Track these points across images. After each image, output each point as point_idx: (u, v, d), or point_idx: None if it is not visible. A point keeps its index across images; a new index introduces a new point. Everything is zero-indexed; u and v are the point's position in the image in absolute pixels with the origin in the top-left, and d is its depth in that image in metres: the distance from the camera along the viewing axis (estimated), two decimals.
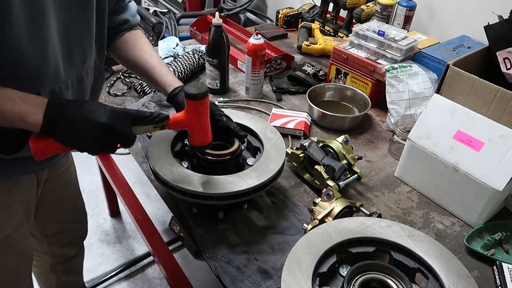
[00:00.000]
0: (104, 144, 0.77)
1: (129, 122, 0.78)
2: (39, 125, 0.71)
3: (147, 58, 1.01)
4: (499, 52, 1.14)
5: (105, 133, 0.75)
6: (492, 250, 0.93)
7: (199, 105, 0.81)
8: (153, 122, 0.81)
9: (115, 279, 1.85)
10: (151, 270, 1.91)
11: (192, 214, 0.99)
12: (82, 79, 0.88)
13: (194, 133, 0.86)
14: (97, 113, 0.74)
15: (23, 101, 0.70)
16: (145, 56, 1.01)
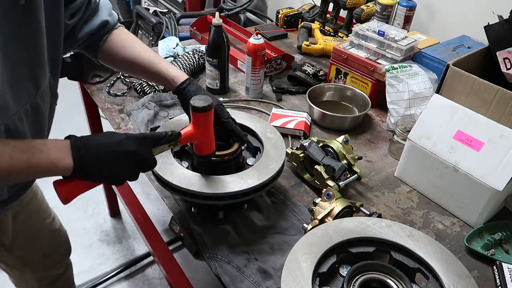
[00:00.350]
0: (132, 172, 0.76)
1: (150, 146, 0.78)
2: (71, 168, 0.69)
3: (142, 55, 0.96)
4: (499, 52, 1.14)
5: (135, 161, 0.75)
6: (492, 250, 0.93)
7: (207, 116, 0.83)
8: (168, 141, 0.81)
9: (115, 279, 1.85)
10: (151, 270, 1.91)
11: (192, 214, 0.99)
12: (37, 106, 0.81)
13: (203, 144, 0.88)
14: (122, 142, 0.73)
15: (48, 149, 0.68)
16: (139, 53, 0.96)
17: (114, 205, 2.14)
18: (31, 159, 0.66)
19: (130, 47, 0.97)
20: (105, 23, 0.95)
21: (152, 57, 0.96)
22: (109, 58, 0.99)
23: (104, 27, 0.96)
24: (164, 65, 0.96)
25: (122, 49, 0.97)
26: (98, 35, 0.96)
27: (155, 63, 0.96)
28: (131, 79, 1.48)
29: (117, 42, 0.97)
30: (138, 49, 0.97)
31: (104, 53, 0.98)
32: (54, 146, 0.69)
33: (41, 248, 1.21)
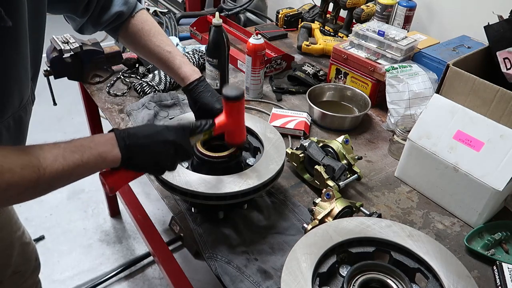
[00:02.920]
0: (172, 161, 0.78)
1: (188, 136, 0.80)
2: (119, 159, 0.71)
3: (157, 49, 0.96)
4: (499, 52, 1.14)
5: (175, 151, 0.76)
6: (492, 250, 0.93)
7: (239, 105, 0.86)
8: (203, 131, 0.83)
9: (115, 279, 1.85)
10: (151, 270, 1.91)
11: (192, 214, 0.99)
12: (20, 117, 0.81)
13: (235, 132, 0.90)
14: (162, 132, 0.75)
15: (96, 144, 0.69)
16: (154, 46, 0.96)
17: (114, 205, 2.14)
18: (82, 158, 0.66)
19: (145, 39, 0.96)
20: (119, 13, 0.94)
21: (167, 52, 0.96)
22: (128, 45, 1.01)
23: (119, 17, 0.95)
24: (177, 63, 0.96)
25: (138, 39, 0.97)
26: (114, 25, 0.97)
27: (169, 60, 0.96)
28: (131, 79, 1.48)
29: (134, 33, 0.97)
30: (153, 42, 0.96)
31: (123, 40, 1.00)
32: (101, 141, 0.70)
33: (12, 263, 1.15)
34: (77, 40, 1.39)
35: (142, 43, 0.97)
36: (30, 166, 0.60)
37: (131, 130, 0.74)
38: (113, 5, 0.94)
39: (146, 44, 0.97)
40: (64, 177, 0.65)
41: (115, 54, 1.48)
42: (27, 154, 0.61)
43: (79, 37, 1.43)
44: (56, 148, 0.65)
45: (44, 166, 0.61)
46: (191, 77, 0.95)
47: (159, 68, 1.04)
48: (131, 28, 0.97)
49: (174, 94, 1.39)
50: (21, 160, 0.60)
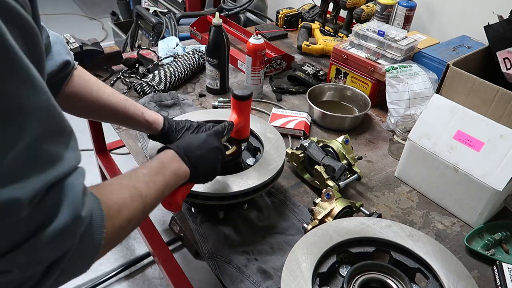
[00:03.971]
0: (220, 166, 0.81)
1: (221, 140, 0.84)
2: (188, 173, 0.73)
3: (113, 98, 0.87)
4: (499, 52, 1.14)
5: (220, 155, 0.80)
6: (492, 250, 0.93)
7: (250, 103, 0.92)
8: (228, 132, 0.87)
9: (115, 279, 1.85)
10: (151, 270, 1.91)
11: (192, 214, 0.99)
12: None
13: (244, 128, 0.94)
14: (208, 140, 0.79)
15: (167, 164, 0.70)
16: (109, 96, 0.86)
17: None
18: (165, 179, 0.68)
19: (98, 90, 0.85)
20: (66, 63, 0.79)
21: (124, 100, 0.89)
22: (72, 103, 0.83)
23: (65, 67, 0.79)
24: (139, 109, 0.90)
25: (89, 92, 0.84)
26: (57, 78, 0.79)
27: (129, 108, 0.89)
28: (131, 79, 1.48)
29: (82, 85, 0.84)
30: (107, 92, 0.87)
31: (66, 97, 0.81)
32: (168, 160, 0.72)
33: None
34: (77, 40, 1.39)
35: (94, 95, 0.84)
36: (136, 196, 0.59)
37: (182, 144, 0.75)
38: (55, 54, 0.78)
39: (99, 96, 0.85)
40: (157, 201, 0.66)
41: (115, 54, 1.48)
42: (128, 186, 0.60)
43: (79, 37, 1.43)
44: (142, 175, 0.65)
45: (145, 194, 0.61)
46: (160, 120, 0.91)
47: (113, 121, 0.96)
48: (78, 80, 0.83)
49: (174, 94, 1.39)
50: (128, 193, 0.59)
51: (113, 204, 0.54)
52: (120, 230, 0.55)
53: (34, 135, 0.40)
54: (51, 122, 0.43)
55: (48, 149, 0.42)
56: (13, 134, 0.38)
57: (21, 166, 0.39)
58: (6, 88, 0.37)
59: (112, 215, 0.52)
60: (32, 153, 0.40)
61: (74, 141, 0.47)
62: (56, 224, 0.42)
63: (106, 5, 4.17)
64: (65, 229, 0.43)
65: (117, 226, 0.54)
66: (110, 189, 0.58)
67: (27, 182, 0.39)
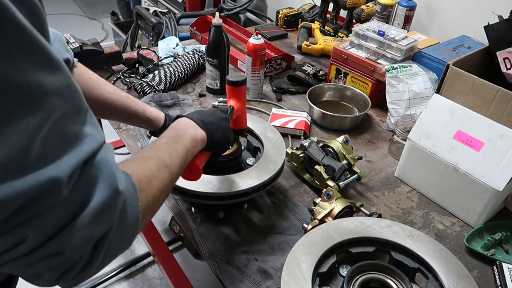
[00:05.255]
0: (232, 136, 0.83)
1: None
2: (205, 138, 0.74)
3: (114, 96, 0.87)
4: (499, 52, 1.14)
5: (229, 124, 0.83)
6: (492, 250, 0.93)
7: (244, 89, 0.92)
8: (231, 116, 0.87)
9: (115, 279, 1.85)
10: (151, 270, 1.91)
11: (192, 214, 0.99)
12: None
13: (242, 117, 0.94)
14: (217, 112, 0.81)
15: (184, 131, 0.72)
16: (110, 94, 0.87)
17: None
18: (185, 145, 0.68)
19: (98, 88, 0.86)
20: (66, 61, 0.79)
21: (125, 97, 0.89)
22: None
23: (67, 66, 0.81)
24: (141, 106, 0.90)
25: (90, 90, 0.85)
26: None
27: (131, 105, 0.89)
28: (131, 79, 1.48)
29: (82, 83, 0.84)
30: (108, 90, 0.87)
31: None
32: (184, 127, 0.73)
33: None
34: (77, 40, 1.39)
35: (95, 93, 0.85)
36: (162, 166, 0.60)
37: (195, 114, 0.77)
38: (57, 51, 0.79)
39: (101, 94, 0.86)
40: (181, 168, 0.67)
41: (115, 54, 1.48)
42: (152, 158, 0.61)
43: (79, 37, 1.43)
44: (162, 145, 0.66)
45: (169, 163, 0.62)
46: (161, 117, 0.93)
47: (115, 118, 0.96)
48: (79, 79, 0.83)
49: (174, 94, 1.39)
50: (153, 164, 0.59)
51: (142, 176, 0.54)
52: (154, 201, 0.56)
53: (59, 114, 0.40)
54: (72, 100, 0.42)
55: (73, 127, 0.42)
56: (40, 116, 0.38)
57: (52, 146, 0.39)
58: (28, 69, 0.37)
59: (143, 187, 0.52)
60: (60, 132, 0.40)
61: (93, 118, 0.46)
62: (97, 200, 0.43)
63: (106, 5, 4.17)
64: (106, 204, 0.43)
65: (150, 197, 0.54)
66: (136, 163, 0.58)
67: (62, 161, 0.39)
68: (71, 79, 0.42)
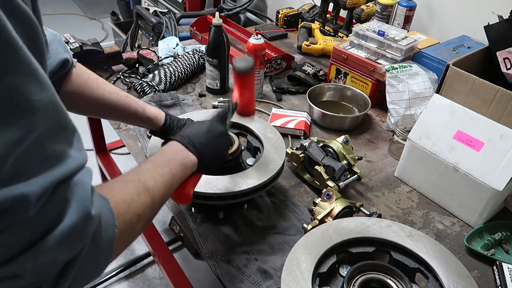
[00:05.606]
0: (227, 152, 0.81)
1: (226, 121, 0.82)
2: (196, 163, 0.72)
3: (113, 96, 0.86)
4: (499, 52, 1.14)
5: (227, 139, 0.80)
6: (492, 250, 0.93)
7: (252, 75, 0.89)
8: (233, 113, 0.85)
9: (115, 279, 1.85)
10: (151, 270, 1.91)
11: (192, 214, 0.99)
12: None
13: (250, 103, 0.91)
14: (214, 127, 0.77)
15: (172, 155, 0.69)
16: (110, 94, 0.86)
17: None
18: (171, 170, 0.66)
19: (98, 88, 0.85)
20: (65, 61, 0.78)
21: (125, 97, 0.88)
22: (72, 101, 0.83)
23: (64, 66, 0.79)
24: (141, 105, 0.90)
25: (89, 90, 0.84)
26: (57, 77, 0.79)
27: (131, 105, 0.89)
28: (131, 79, 1.48)
29: (82, 83, 0.83)
30: (107, 90, 0.86)
31: (66, 95, 0.81)
32: (173, 151, 0.70)
33: None
34: (77, 40, 1.39)
35: (95, 93, 0.84)
36: (143, 191, 0.58)
37: (186, 133, 0.74)
38: (53, 53, 0.77)
39: (100, 94, 0.85)
40: (166, 194, 0.64)
41: (115, 54, 1.48)
42: (133, 181, 0.59)
43: (79, 37, 1.43)
44: (147, 170, 0.63)
45: (151, 188, 0.59)
46: (161, 116, 0.92)
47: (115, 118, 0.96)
48: (78, 79, 0.83)
49: (174, 94, 1.39)
50: (134, 188, 0.57)
51: (121, 201, 0.53)
52: (131, 227, 0.54)
53: (40, 131, 0.39)
54: (56, 119, 0.41)
55: (54, 147, 0.41)
56: (22, 131, 0.37)
57: (28, 163, 0.38)
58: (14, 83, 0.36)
59: (121, 212, 0.51)
60: (38, 150, 0.39)
61: (78, 140, 0.46)
62: (66, 224, 0.41)
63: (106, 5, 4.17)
64: (75, 228, 0.42)
65: (127, 223, 0.53)
66: (116, 186, 0.57)
67: (34, 179, 0.38)
68: (57, 98, 0.42)
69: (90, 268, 0.47)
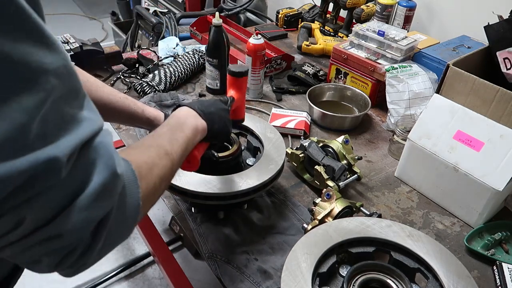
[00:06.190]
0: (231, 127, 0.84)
1: None
2: (206, 127, 0.75)
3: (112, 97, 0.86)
4: (499, 52, 1.14)
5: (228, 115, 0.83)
6: (492, 250, 0.93)
7: (246, 80, 0.92)
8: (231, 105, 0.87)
9: (115, 279, 1.85)
10: (151, 270, 1.91)
11: (192, 214, 0.99)
12: None
13: (241, 107, 0.94)
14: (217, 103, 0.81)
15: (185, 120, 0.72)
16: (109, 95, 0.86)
17: None
18: (185, 134, 0.69)
19: (97, 90, 0.85)
20: None
21: (124, 98, 0.89)
22: None
23: None
24: (140, 106, 0.90)
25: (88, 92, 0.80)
26: None
27: (130, 106, 0.89)
28: (131, 79, 1.48)
29: None
30: (106, 92, 0.86)
31: None
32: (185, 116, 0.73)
33: None
34: (77, 40, 1.39)
35: (94, 95, 0.83)
36: (163, 154, 0.60)
37: (196, 104, 0.77)
38: None
39: (99, 96, 0.85)
40: (183, 156, 0.67)
41: (115, 54, 1.48)
42: (153, 146, 0.61)
43: (79, 37, 1.43)
44: (164, 134, 0.66)
45: (170, 151, 0.62)
46: (161, 116, 0.92)
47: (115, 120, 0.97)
48: None
49: (174, 94, 1.39)
50: (154, 152, 0.60)
51: (143, 164, 0.54)
52: (154, 189, 0.56)
53: (57, 95, 0.40)
54: (70, 82, 0.42)
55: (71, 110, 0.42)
56: (40, 95, 0.38)
57: (51, 126, 0.39)
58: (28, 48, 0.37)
59: (144, 175, 0.53)
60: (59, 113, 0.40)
61: (90, 103, 0.46)
62: (96, 182, 0.43)
63: (106, 5, 4.17)
64: (104, 186, 0.43)
65: (151, 185, 0.54)
66: (136, 151, 0.59)
67: (61, 142, 0.39)
68: (69, 61, 0.42)
69: (120, 228, 0.48)
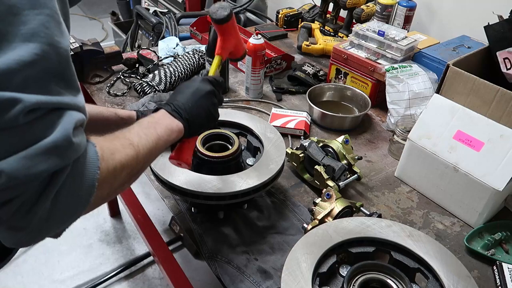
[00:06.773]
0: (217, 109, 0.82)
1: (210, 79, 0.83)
2: (182, 127, 0.74)
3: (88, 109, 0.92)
4: (499, 52, 1.14)
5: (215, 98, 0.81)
6: (492, 250, 0.93)
7: (233, 22, 0.85)
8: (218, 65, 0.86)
9: (115, 279, 1.85)
10: (151, 270, 1.91)
11: (192, 214, 0.99)
12: None
13: (238, 48, 0.90)
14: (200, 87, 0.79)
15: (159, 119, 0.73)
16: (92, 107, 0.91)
17: (114, 205, 2.13)
18: (157, 132, 0.70)
19: None
20: None
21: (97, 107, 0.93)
22: None
23: None
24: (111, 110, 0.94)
25: None
26: None
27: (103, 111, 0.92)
28: (131, 79, 1.48)
29: None
30: None
31: None
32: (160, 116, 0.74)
33: None
34: (77, 40, 1.39)
35: None
36: (127, 144, 0.62)
37: (172, 100, 0.77)
38: None
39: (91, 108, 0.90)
40: (152, 152, 0.68)
41: (115, 54, 1.48)
42: (118, 137, 0.64)
43: (79, 37, 1.43)
44: (133, 128, 0.68)
45: (136, 144, 0.64)
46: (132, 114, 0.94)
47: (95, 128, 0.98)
48: None
49: None
50: (119, 141, 0.62)
51: (106, 148, 0.58)
52: (115, 173, 0.58)
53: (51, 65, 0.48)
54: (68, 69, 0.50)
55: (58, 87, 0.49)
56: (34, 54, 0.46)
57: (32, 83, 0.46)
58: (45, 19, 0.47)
59: (105, 157, 0.56)
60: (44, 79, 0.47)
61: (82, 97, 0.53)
62: (49, 140, 0.47)
63: (106, 5, 4.17)
64: (54, 145, 0.48)
65: (111, 168, 0.57)
66: (103, 138, 0.61)
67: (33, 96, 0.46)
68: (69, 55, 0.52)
69: (73, 197, 0.51)
